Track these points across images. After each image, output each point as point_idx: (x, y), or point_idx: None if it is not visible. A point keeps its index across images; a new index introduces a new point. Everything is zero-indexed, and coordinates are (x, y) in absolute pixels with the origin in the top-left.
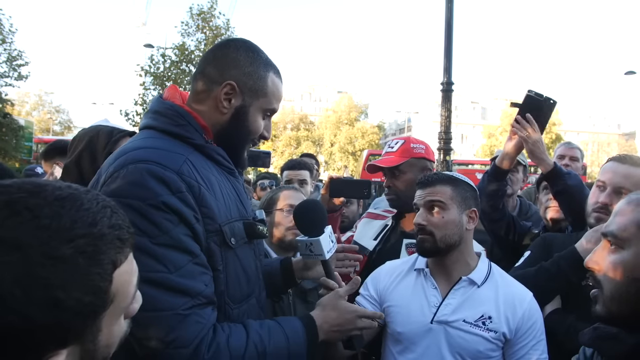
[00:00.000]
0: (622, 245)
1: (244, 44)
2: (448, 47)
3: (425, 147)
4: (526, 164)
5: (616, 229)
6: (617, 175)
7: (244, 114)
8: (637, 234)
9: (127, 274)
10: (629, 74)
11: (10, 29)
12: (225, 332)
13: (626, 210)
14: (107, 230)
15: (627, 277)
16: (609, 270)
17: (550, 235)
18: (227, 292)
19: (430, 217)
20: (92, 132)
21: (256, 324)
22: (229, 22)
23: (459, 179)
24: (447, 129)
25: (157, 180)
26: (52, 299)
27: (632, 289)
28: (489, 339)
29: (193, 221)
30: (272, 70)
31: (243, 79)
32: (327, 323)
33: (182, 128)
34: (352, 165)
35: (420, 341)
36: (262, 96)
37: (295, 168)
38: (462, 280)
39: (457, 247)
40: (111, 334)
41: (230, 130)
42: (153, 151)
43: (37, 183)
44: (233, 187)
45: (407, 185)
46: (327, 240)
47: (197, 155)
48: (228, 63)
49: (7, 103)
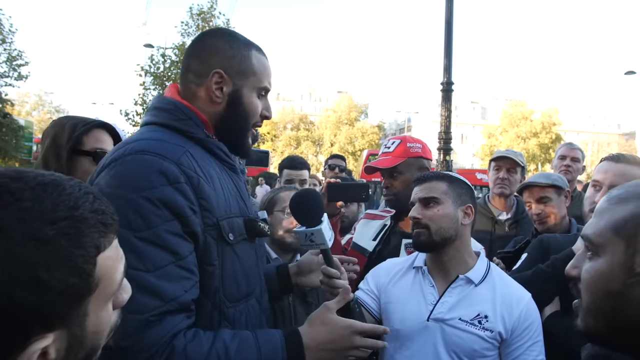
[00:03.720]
0: (598, 252)
1: (219, 31)
2: (448, 46)
3: (422, 145)
4: (525, 165)
5: (591, 233)
6: (612, 175)
7: (238, 97)
8: (612, 240)
9: (112, 260)
10: (629, 74)
11: (10, 29)
12: (185, 338)
13: (604, 209)
14: (89, 215)
15: (602, 289)
16: (583, 281)
17: (547, 236)
18: (223, 289)
19: (425, 211)
20: (57, 127)
21: (229, 333)
22: (229, 22)
23: (454, 177)
24: (447, 129)
25: (155, 170)
26: (35, 278)
27: (606, 303)
28: (485, 338)
29: (188, 213)
30: (253, 48)
31: (228, 64)
32: (314, 340)
33: (183, 122)
34: (352, 165)
35: (416, 338)
36: (251, 75)
37: (296, 168)
38: (460, 278)
39: (453, 243)
40: (99, 321)
41: (228, 118)
42: (152, 142)
43: (19, 170)
44: (234, 183)
45: (406, 185)
46: (327, 228)
47: (197, 149)
48: (209, 53)
49: (7, 103)
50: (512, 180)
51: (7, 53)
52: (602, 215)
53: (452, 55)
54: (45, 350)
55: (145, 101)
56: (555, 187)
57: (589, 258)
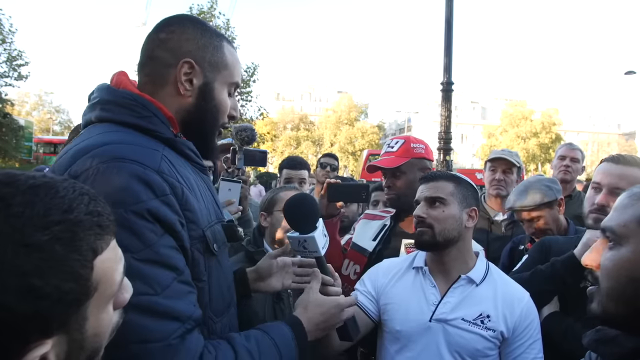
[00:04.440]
0: (621, 241)
1: (187, 17)
2: (448, 46)
3: (425, 146)
4: (521, 165)
5: (615, 225)
6: (612, 176)
7: (209, 91)
8: (636, 231)
9: (110, 262)
10: (629, 74)
11: (10, 29)
12: (212, 354)
13: (626, 204)
14: (85, 217)
15: (625, 276)
16: (605, 268)
17: (549, 238)
18: (210, 305)
19: (430, 211)
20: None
21: (241, 337)
22: (229, 22)
23: (461, 178)
24: (447, 129)
25: (139, 181)
26: (28, 286)
27: (629, 288)
28: (487, 337)
29: (178, 228)
30: (224, 40)
31: (200, 54)
32: (312, 322)
33: (147, 120)
34: (352, 165)
35: (419, 339)
36: (223, 68)
37: (296, 167)
38: (461, 278)
39: (455, 244)
40: (99, 324)
41: (197, 114)
42: (126, 147)
43: (10, 173)
44: (207, 186)
45: (408, 185)
46: (321, 235)
47: (169, 151)
48: (179, 41)
49: (7, 103)
50: (508, 181)
51: (7, 53)
52: (625, 209)
53: (452, 55)
54: (44, 357)
55: None
56: (544, 204)
57: (610, 248)
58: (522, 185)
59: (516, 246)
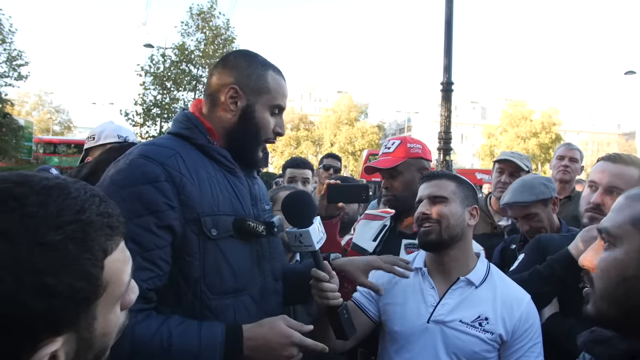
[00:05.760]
0: (615, 242)
1: (241, 52)
2: (448, 46)
3: (422, 146)
4: (530, 169)
5: (610, 226)
6: (608, 175)
7: (250, 112)
8: (631, 232)
9: (120, 262)
10: (629, 74)
11: (10, 29)
12: (136, 319)
13: (623, 206)
14: (96, 218)
15: (618, 276)
16: (599, 269)
17: (545, 236)
18: (204, 280)
19: (434, 208)
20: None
21: (177, 319)
22: (229, 22)
23: (461, 178)
24: (447, 129)
25: (137, 168)
26: (43, 284)
27: (620, 289)
28: (485, 340)
29: (164, 208)
30: (270, 68)
31: (244, 81)
32: (253, 340)
33: (188, 130)
34: (352, 165)
35: (417, 340)
36: (265, 93)
37: (299, 167)
38: (460, 280)
39: (457, 243)
40: (107, 323)
41: (239, 130)
42: (148, 147)
43: (23, 174)
44: (231, 184)
45: (405, 185)
46: (316, 230)
47: (195, 153)
48: (228, 70)
49: (7, 103)
50: None
51: (7, 53)
52: (621, 210)
53: (452, 55)
54: (54, 354)
55: (145, 101)
56: (540, 201)
57: (606, 249)
58: (517, 182)
59: (507, 245)
